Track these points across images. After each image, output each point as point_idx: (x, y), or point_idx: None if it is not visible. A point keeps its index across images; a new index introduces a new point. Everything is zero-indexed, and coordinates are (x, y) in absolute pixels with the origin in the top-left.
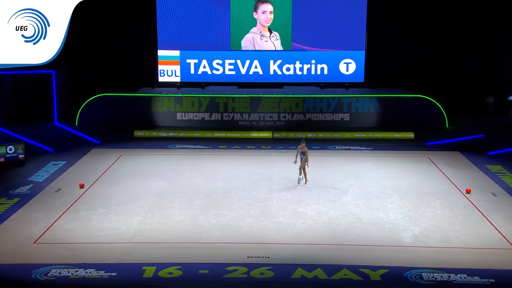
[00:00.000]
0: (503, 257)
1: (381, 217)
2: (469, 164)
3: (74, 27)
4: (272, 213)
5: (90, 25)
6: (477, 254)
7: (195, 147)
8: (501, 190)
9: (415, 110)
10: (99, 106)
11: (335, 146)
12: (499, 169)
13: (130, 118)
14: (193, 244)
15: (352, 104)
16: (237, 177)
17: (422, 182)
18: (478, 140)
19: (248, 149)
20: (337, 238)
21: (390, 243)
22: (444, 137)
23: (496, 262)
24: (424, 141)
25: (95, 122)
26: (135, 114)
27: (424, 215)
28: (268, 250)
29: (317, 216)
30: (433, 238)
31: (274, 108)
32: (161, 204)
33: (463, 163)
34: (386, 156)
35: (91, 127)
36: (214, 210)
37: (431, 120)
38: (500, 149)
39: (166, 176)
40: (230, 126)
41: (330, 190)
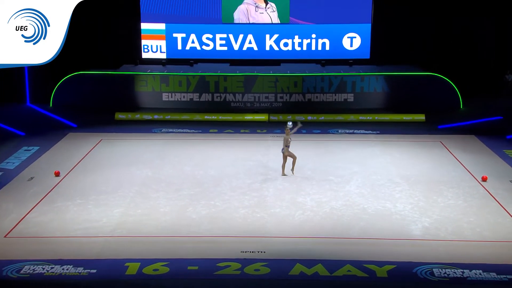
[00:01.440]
0: None
1: (388, 207)
2: (485, 149)
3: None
4: (268, 204)
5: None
6: (493, 248)
7: (183, 131)
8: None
9: (426, 90)
10: (76, 86)
11: (338, 130)
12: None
13: (111, 98)
14: (181, 238)
15: (357, 83)
16: (229, 164)
17: (434, 169)
18: (495, 122)
19: (241, 133)
20: (339, 231)
21: (398, 236)
22: (458, 119)
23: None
24: (436, 124)
25: (71, 103)
26: (116, 95)
27: (435, 205)
28: (263, 244)
29: (318, 207)
30: (445, 230)
31: (270, 88)
32: (146, 194)
33: (479, 148)
34: (394, 141)
35: (67, 109)
36: (204, 200)
37: (443, 101)
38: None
39: (151, 163)
40: (221, 108)
41: (332, 178)
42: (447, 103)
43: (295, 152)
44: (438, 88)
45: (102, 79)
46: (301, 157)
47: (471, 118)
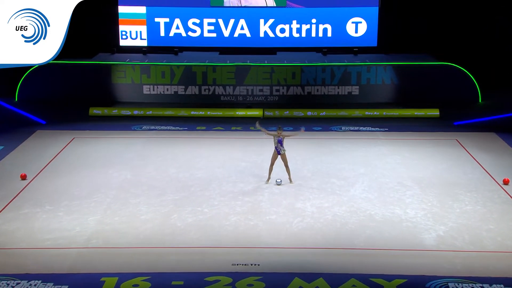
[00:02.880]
0: None
1: (397, 214)
2: (507, 147)
3: None
4: (262, 210)
5: None
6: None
7: (167, 129)
8: None
9: (441, 82)
10: (45, 77)
11: (341, 127)
12: None
13: (84, 92)
14: (165, 249)
15: (362, 74)
16: (219, 166)
17: (449, 171)
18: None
19: (233, 131)
20: (343, 240)
21: (409, 246)
22: (476, 115)
23: None
24: (451, 119)
25: (40, 97)
26: (91, 87)
27: (451, 211)
28: (257, 256)
29: (319, 214)
30: (462, 239)
31: (265, 79)
32: (124, 199)
33: (500, 147)
34: (404, 139)
35: (35, 104)
36: (191, 206)
37: (460, 94)
38: None
39: (130, 165)
40: (210, 103)
41: (334, 181)
42: (464, 96)
43: (290, 153)
44: (454, 79)
45: (75, 69)
46: (300, 157)
47: (491, 113)
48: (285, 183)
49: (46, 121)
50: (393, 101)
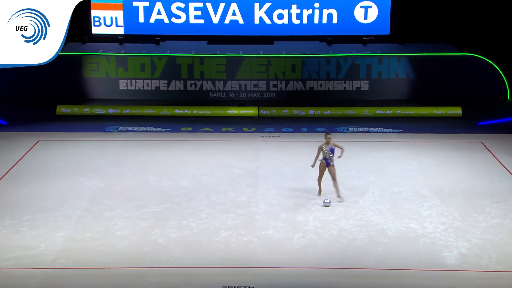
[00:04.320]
0: None
1: (414, 228)
2: None
3: None
4: (258, 224)
5: None
6: None
7: (147, 130)
8: None
9: (463, 75)
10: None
11: (348, 128)
12: None
13: (51, 87)
14: (145, 269)
15: (373, 66)
16: (207, 173)
17: (473, 179)
18: None
19: (223, 132)
20: (350, 259)
21: (427, 265)
22: (504, 114)
23: None
24: (475, 119)
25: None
26: (58, 82)
27: (475, 225)
28: (252, 277)
29: (323, 228)
30: (488, 258)
31: (260, 73)
32: (98, 212)
33: None
34: (421, 142)
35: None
36: (175, 220)
37: (486, 90)
38: None
39: (105, 172)
40: (197, 100)
41: (341, 190)
42: (490, 92)
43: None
44: (478, 73)
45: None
46: (301, 163)
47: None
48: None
49: (6, 122)
50: (408, 98)
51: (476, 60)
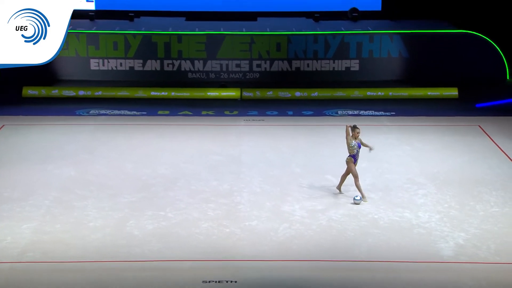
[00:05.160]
0: None
1: (407, 218)
2: None
3: None
4: (241, 215)
5: None
6: None
7: (121, 114)
8: None
9: (460, 55)
10: None
11: (337, 111)
12: None
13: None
14: (119, 263)
15: (364, 45)
16: (187, 160)
17: (471, 165)
18: None
19: (203, 116)
20: (340, 251)
21: (422, 257)
22: (503, 95)
23: None
24: (473, 101)
25: None
26: None
27: (473, 214)
28: (234, 271)
29: (310, 218)
30: (487, 249)
31: (243, 52)
32: (68, 202)
33: None
34: (415, 125)
35: None
36: (151, 210)
37: (483, 70)
38: None
39: (76, 159)
40: (175, 81)
41: (329, 178)
42: (489, 72)
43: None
44: (476, 52)
45: None
46: (287, 149)
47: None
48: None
49: None
50: (401, 78)
51: (473, 38)
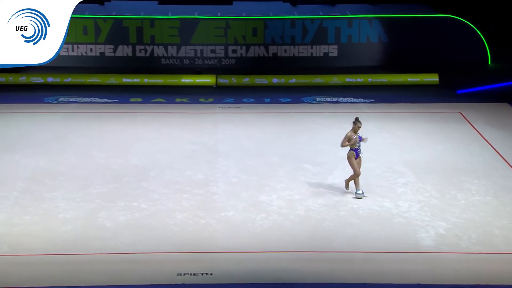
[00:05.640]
0: None
1: (387, 207)
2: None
3: None
4: (217, 205)
5: None
6: None
7: (91, 101)
8: None
9: (441, 39)
10: None
11: (315, 98)
12: None
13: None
14: (90, 256)
15: (342, 30)
16: (160, 149)
17: (452, 152)
18: None
19: (177, 103)
20: (318, 242)
21: (402, 248)
22: (484, 81)
23: None
24: (454, 87)
25: None
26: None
27: (454, 203)
28: (210, 263)
29: (288, 209)
30: (468, 238)
31: (218, 37)
32: (37, 193)
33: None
34: (395, 112)
35: None
36: (124, 201)
37: (464, 55)
38: None
39: (45, 148)
40: (147, 67)
41: (308, 166)
42: (470, 58)
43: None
44: (456, 36)
45: None
46: (264, 137)
47: (503, 79)
48: None
49: None
50: (380, 64)
51: (454, 22)
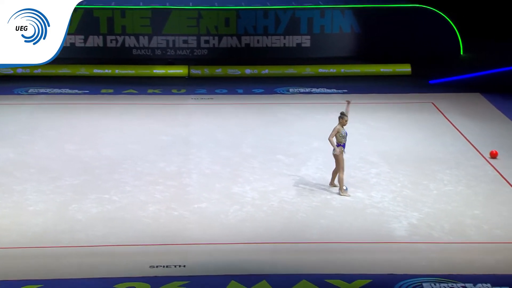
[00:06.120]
0: None
1: (360, 198)
2: (496, 112)
3: None
4: (190, 197)
5: None
6: (508, 252)
7: (62, 92)
8: None
9: (413, 29)
10: None
11: (288, 89)
12: None
13: None
14: (61, 249)
15: (315, 20)
16: (132, 141)
17: (424, 143)
18: (509, 75)
19: (149, 94)
20: (292, 233)
21: (374, 238)
22: (457, 71)
23: None
24: (426, 77)
25: None
26: None
27: (426, 193)
28: (183, 255)
29: (261, 200)
30: (440, 228)
31: (190, 27)
32: (6, 185)
33: (486, 111)
34: (367, 103)
35: None
36: (95, 193)
37: (437, 45)
38: None
39: (14, 140)
40: (119, 58)
41: (281, 157)
42: (442, 48)
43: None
44: (429, 26)
45: None
46: (237, 128)
47: (475, 69)
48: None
49: None
50: (353, 54)
51: (427, 12)
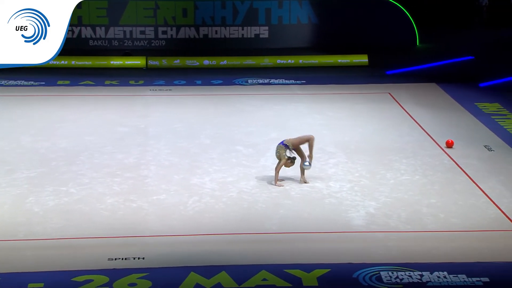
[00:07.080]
0: (503, 243)
1: (318, 188)
2: (451, 102)
3: None
4: (148, 188)
5: None
6: (463, 240)
7: (17, 84)
8: (499, 141)
9: (369, 20)
10: None
11: (247, 80)
12: (496, 108)
13: None
14: (18, 242)
15: (273, 11)
16: (90, 132)
17: (381, 133)
18: (464, 64)
19: (107, 86)
20: (251, 224)
21: (332, 228)
22: (413, 62)
23: (492, 252)
24: (383, 68)
25: None
26: None
27: (383, 183)
28: (142, 247)
29: (221, 191)
30: (397, 217)
31: (147, 18)
32: None
33: (442, 101)
34: (325, 94)
35: None
36: (52, 186)
37: (393, 36)
38: (497, 79)
39: None
40: (75, 49)
41: (239, 148)
42: (398, 38)
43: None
44: (385, 17)
45: None
46: (195, 119)
47: (431, 59)
48: None
49: None
50: (311, 45)
51: (383, 3)
